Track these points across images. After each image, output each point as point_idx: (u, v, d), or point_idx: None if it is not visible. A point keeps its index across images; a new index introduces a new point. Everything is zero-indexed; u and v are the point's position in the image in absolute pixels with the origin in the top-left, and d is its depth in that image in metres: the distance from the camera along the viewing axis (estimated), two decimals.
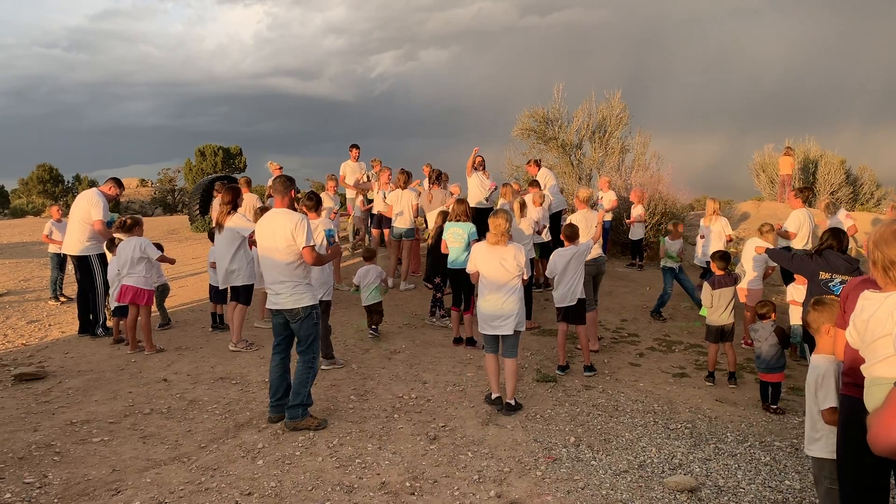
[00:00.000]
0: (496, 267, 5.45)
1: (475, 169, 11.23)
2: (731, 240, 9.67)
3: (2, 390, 5.86)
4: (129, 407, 5.47)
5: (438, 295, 8.47)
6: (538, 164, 11.83)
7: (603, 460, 4.57)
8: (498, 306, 5.45)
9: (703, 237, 9.37)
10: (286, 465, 4.42)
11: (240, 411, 5.42)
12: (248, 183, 11.09)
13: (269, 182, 13.89)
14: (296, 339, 5.20)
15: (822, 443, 3.25)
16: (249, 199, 10.13)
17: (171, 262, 7.67)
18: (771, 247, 7.59)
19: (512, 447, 4.76)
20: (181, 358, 6.91)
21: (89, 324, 7.76)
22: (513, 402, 5.51)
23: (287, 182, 5.22)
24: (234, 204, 7.01)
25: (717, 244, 8.98)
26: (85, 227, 7.54)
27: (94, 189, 7.87)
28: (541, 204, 9.54)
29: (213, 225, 7.28)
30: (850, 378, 3.00)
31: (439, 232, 8.12)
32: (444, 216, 8.28)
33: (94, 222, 7.51)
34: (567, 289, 6.55)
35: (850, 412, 2.94)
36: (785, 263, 6.16)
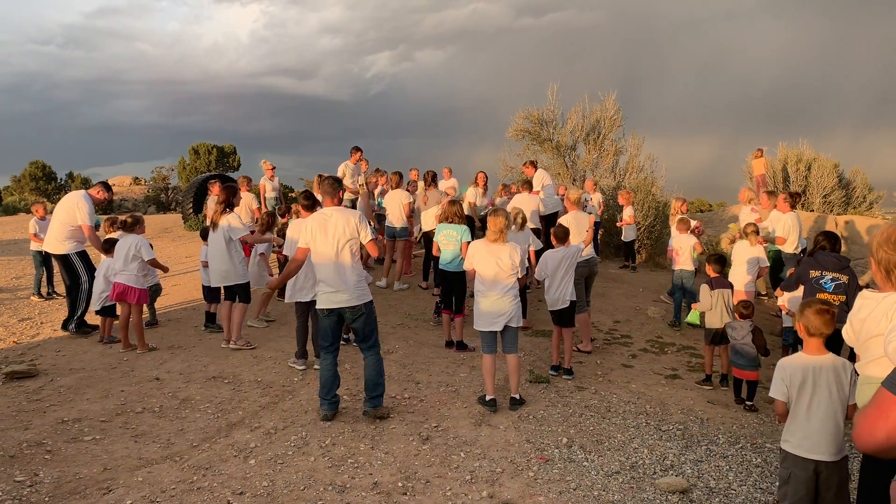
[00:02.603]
0: (493, 265, 5.51)
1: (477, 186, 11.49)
2: (700, 232, 9.70)
3: None
4: (120, 405, 5.45)
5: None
6: (535, 165, 11.91)
7: (595, 461, 4.58)
8: (495, 304, 5.51)
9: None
10: (278, 464, 4.42)
11: (232, 410, 5.41)
12: (248, 181, 11.07)
13: (262, 182, 13.91)
14: (358, 338, 5.34)
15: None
16: (246, 198, 10.12)
17: (164, 269, 7.62)
18: (760, 247, 7.67)
19: (504, 448, 4.76)
20: (173, 357, 6.89)
21: (81, 322, 7.73)
22: (517, 397, 5.62)
23: (336, 183, 5.37)
24: (229, 203, 6.99)
25: (685, 246, 9.03)
26: (66, 228, 7.53)
27: (81, 192, 7.82)
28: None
29: (208, 223, 7.22)
30: None
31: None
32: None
33: (83, 227, 7.49)
34: (559, 293, 6.54)
35: None
36: (793, 284, 6.02)
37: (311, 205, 6.45)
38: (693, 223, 9.56)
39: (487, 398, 5.55)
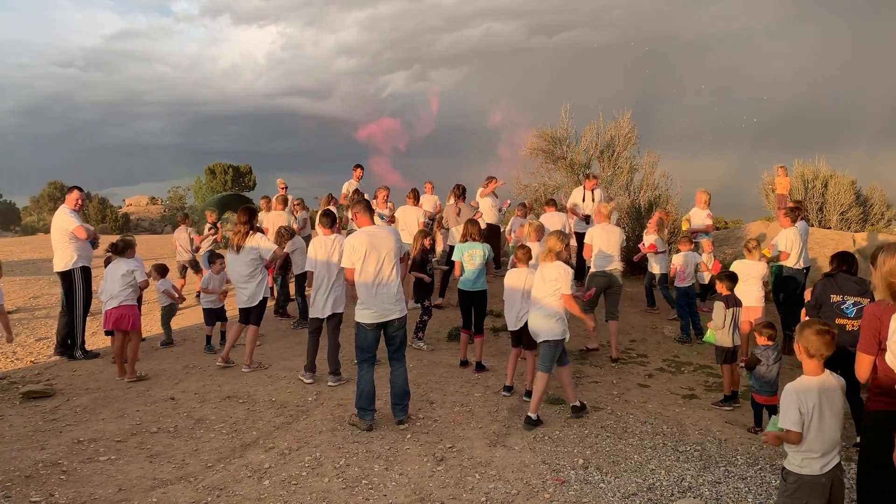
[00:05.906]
0: (539, 283, 5.72)
1: (490, 193, 11.55)
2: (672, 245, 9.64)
3: (10, 408, 5.88)
4: (136, 425, 5.47)
5: (426, 318, 8.23)
6: (594, 178, 11.51)
7: (612, 483, 4.52)
8: (536, 322, 5.73)
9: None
10: (292, 485, 4.40)
11: (246, 430, 5.40)
12: (285, 202, 11.27)
13: (286, 199, 14.02)
14: (393, 346, 5.67)
15: None
16: (279, 218, 10.41)
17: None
18: (762, 264, 7.63)
19: (520, 469, 4.72)
20: (188, 376, 6.92)
21: (66, 345, 7.67)
22: (533, 417, 5.60)
23: (368, 204, 5.78)
24: (251, 224, 7.02)
25: (690, 263, 9.04)
26: (66, 242, 7.53)
27: (61, 207, 7.82)
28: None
29: (231, 245, 7.10)
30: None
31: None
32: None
33: (75, 229, 7.50)
34: (516, 312, 6.43)
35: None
36: (815, 308, 5.85)
37: (331, 223, 6.66)
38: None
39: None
